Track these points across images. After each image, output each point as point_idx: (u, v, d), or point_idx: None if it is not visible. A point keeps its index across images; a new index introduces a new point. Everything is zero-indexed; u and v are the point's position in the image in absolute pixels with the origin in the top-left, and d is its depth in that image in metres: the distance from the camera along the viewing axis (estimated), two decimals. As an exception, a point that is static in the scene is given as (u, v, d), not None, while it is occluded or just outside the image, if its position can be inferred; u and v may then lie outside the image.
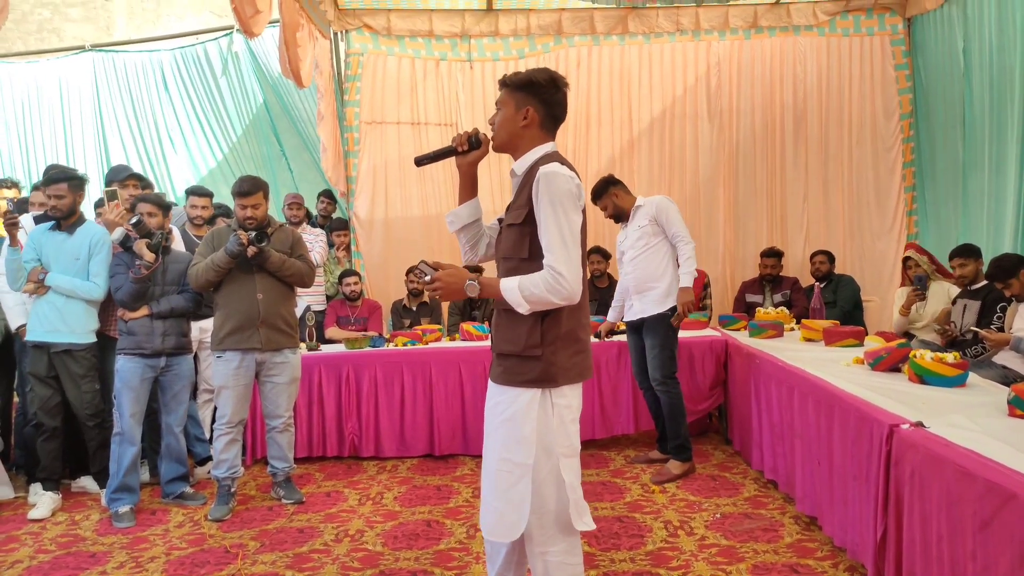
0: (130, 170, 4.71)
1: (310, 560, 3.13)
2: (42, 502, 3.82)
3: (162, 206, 3.98)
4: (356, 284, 5.45)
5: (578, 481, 2.03)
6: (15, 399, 4.51)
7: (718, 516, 3.45)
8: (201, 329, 4.39)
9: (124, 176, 4.50)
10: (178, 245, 4.24)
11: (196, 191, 4.83)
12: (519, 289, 1.92)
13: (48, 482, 3.91)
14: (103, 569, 3.10)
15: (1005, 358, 3.75)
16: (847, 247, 6.35)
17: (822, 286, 5.72)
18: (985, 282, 4.24)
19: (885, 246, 6.26)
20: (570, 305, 1.96)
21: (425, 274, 2.00)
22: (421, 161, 2.21)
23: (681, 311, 4.04)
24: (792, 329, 4.75)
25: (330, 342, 5.22)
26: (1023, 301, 3.87)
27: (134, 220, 3.76)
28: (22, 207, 4.54)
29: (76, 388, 3.87)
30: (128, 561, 3.18)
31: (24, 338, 3.95)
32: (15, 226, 3.79)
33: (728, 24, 6.31)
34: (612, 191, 4.21)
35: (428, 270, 2.00)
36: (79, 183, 3.94)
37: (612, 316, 4.53)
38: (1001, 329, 3.99)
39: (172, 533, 3.51)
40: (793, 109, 6.39)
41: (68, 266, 3.84)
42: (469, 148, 2.14)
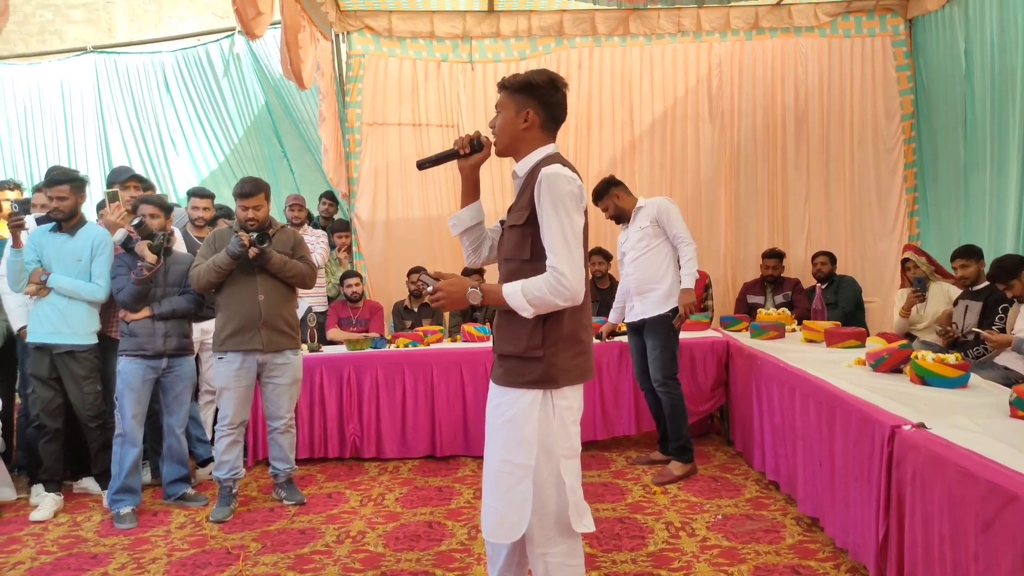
0: (131, 171, 4.73)
1: (311, 561, 3.13)
2: (44, 503, 3.82)
3: (164, 207, 3.98)
4: (357, 285, 5.46)
5: (578, 483, 2.03)
6: (16, 400, 4.51)
7: (719, 517, 3.45)
8: (203, 330, 4.40)
9: (125, 178, 4.51)
10: (179, 246, 4.24)
11: (197, 192, 4.83)
12: (522, 293, 1.91)
13: (50, 483, 3.91)
14: (105, 570, 3.11)
15: (1007, 359, 3.75)
16: (848, 248, 6.35)
17: (823, 287, 5.72)
18: (987, 283, 4.24)
19: (887, 247, 6.26)
20: (572, 306, 1.96)
21: (427, 285, 2.00)
22: (423, 165, 2.21)
23: (683, 312, 4.03)
24: (793, 330, 4.74)
25: (331, 343, 5.22)
26: (1025, 302, 3.88)
27: (136, 222, 3.76)
28: (24, 209, 4.54)
29: (78, 389, 3.87)
30: (130, 562, 3.18)
31: (25, 340, 3.96)
32: (21, 227, 3.77)
33: (729, 25, 6.31)
34: (613, 192, 4.21)
35: (430, 281, 2.00)
36: (80, 184, 3.95)
37: (613, 317, 4.53)
38: (1003, 330, 3.98)
39: (174, 534, 3.51)
40: (794, 110, 6.39)
41: (70, 267, 3.84)
42: (471, 151, 2.14)
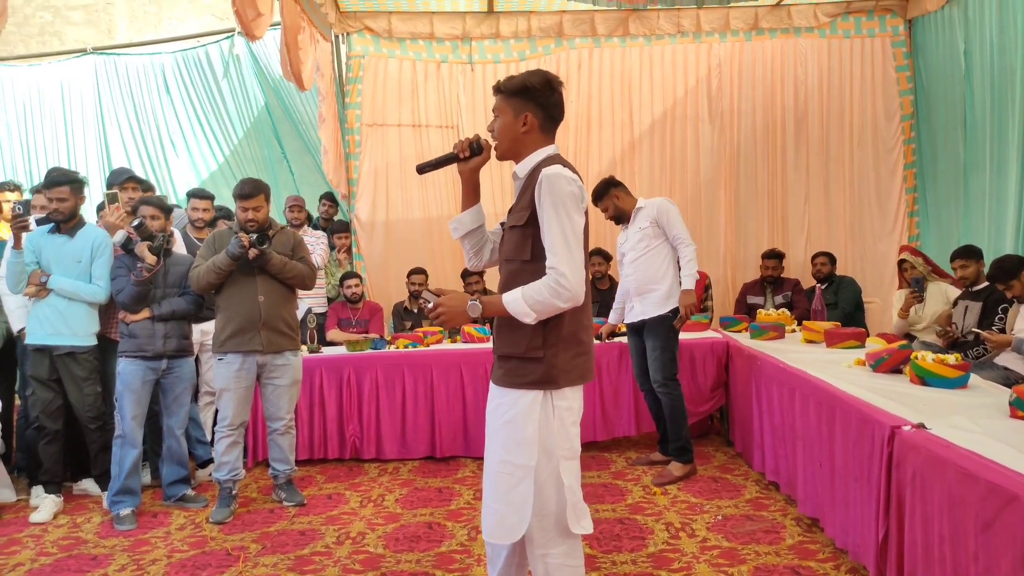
0: (129, 173, 4.72)
1: (311, 562, 3.13)
2: (44, 505, 3.82)
3: (164, 209, 3.98)
4: (357, 286, 5.46)
5: (578, 484, 2.03)
6: (16, 402, 4.50)
7: (719, 518, 3.45)
8: (202, 331, 4.40)
9: (123, 179, 4.50)
10: (179, 248, 4.25)
11: (197, 193, 4.83)
12: (523, 299, 1.90)
13: (50, 485, 3.91)
14: (104, 572, 3.10)
15: (1006, 359, 3.75)
16: (848, 248, 6.35)
17: (823, 288, 5.72)
18: (986, 283, 4.24)
19: (886, 247, 6.26)
20: (573, 307, 1.96)
21: (428, 302, 2.00)
22: (423, 169, 2.20)
23: (684, 314, 4.03)
24: (793, 331, 4.74)
25: (331, 344, 5.22)
26: (1024, 302, 3.88)
27: (136, 223, 3.76)
28: (27, 210, 4.54)
29: (78, 391, 3.87)
30: (130, 564, 3.18)
31: (24, 341, 3.96)
32: (25, 229, 3.75)
33: (729, 26, 6.31)
34: (613, 192, 4.21)
35: (431, 297, 2.00)
36: (80, 186, 3.95)
37: (613, 318, 4.53)
38: (1003, 330, 3.98)
39: (173, 535, 3.51)
40: (794, 111, 6.39)
41: (70, 269, 3.84)
42: (471, 155, 2.13)
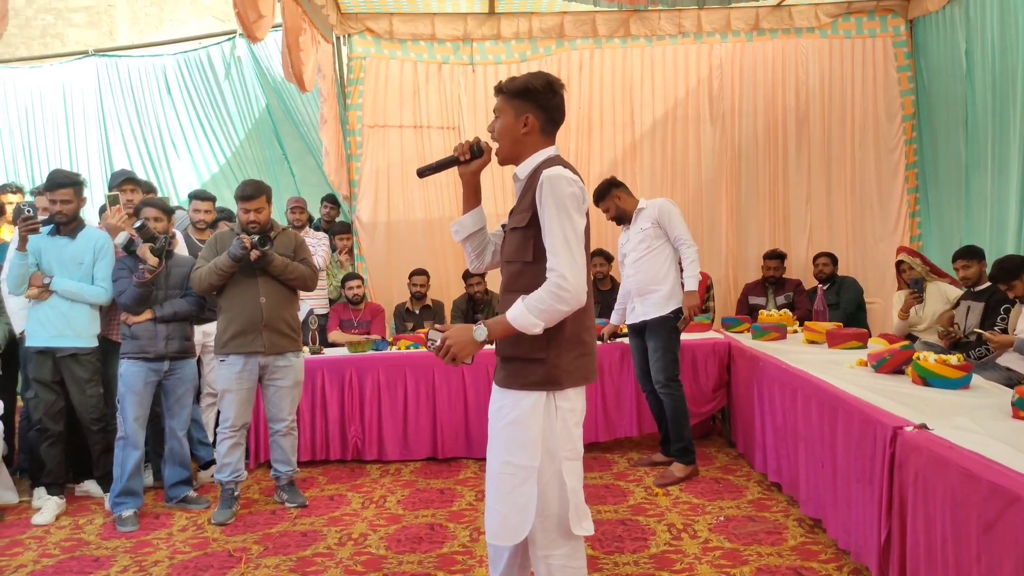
0: (126, 174, 4.69)
1: (313, 564, 3.13)
2: (46, 506, 3.82)
3: (166, 210, 3.99)
4: (359, 287, 5.46)
5: (580, 485, 2.03)
6: (19, 403, 4.51)
7: (722, 519, 3.45)
8: (204, 333, 4.41)
9: (120, 180, 4.49)
10: (181, 249, 4.25)
11: (199, 195, 4.84)
12: (527, 311, 1.89)
13: (52, 486, 3.92)
14: (107, 573, 3.11)
15: (1009, 360, 3.74)
16: (850, 249, 6.34)
17: (825, 288, 5.72)
18: (988, 284, 4.23)
19: (888, 248, 6.25)
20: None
21: (434, 341, 1.97)
22: (423, 172, 2.20)
23: (687, 315, 4.04)
24: (795, 331, 4.74)
25: (333, 345, 5.22)
26: (1027, 303, 3.87)
27: (138, 224, 3.76)
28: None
29: (81, 393, 3.87)
30: (132, 565, 3.19)
31: (24, 344, 3.95)
32: (35, 231, 3.73)
33: (730, 26, 6.31)
34: (615, 193, 4.21)
35: (437, 336, 1.97)
36: (82, 187, 3.95)
37: (615, 319, 4.53)
38: (1005, 331, 3.98)
39: (176, 537, 3.51)
40: (795, 111, 6.39)
41: (72, 271, 3.85)
42: (471, 157, 2.13)
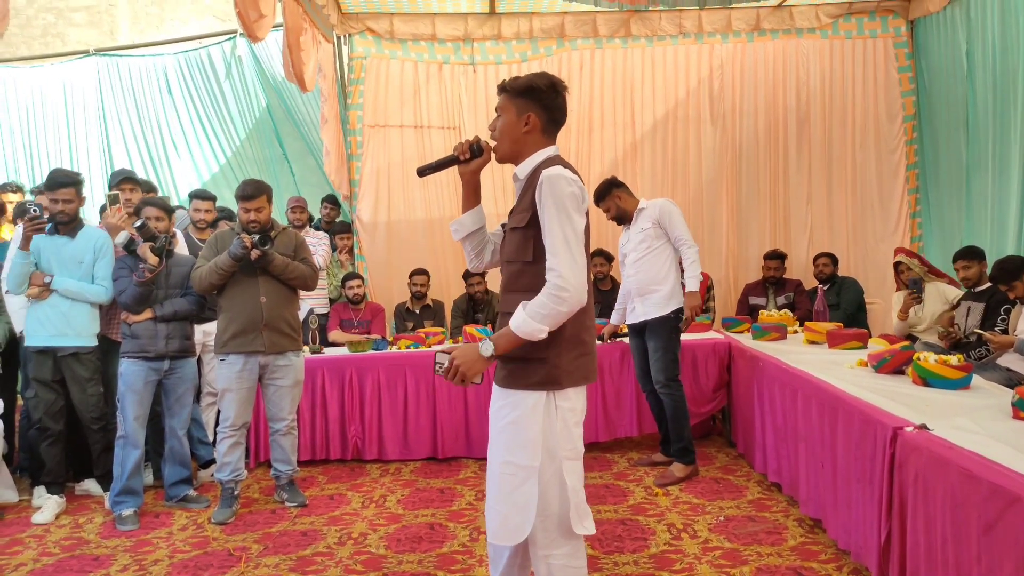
0: (124, 173, 4.67)
1: (313, 563, 3.13)
2: (46, 505, 3.82)
3: (167, 210, 3.99)
4: (359, 287, 5.46)
5: (580, 484, 2.03)
6: (19, 402, 4.51)
7: (722, 519, 3.44)
8: (204, 332, 4.41)
9: (119, 180, 4.48)
10: (181, 248, 4.25)
11: (199, 194, 4.84)
12: (530, 318, 1.89)
13: (52, 485, 3.92)
14: (107, 572, 3.11)
15: (1009, 360, 3.74)
16: (850, 249, 6.34)
17: (825, 288, 5.72)
18: (989, 284, 4.23)
19: (889, 248, 6.23)
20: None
21: (442, 366, 1.97)
22: (423, 172, 2.20)
23: (689, 316, 4.03)
24: (795, 331, 4.74)
25: (333, 345, 5.22)
26: (1027, 303, 3.87)
27: (138, 224, 3.76)
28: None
29: (81, 392, 3.88)
30: (132, 564, 3.19)
31: (24, 344, 3.95)
32: (41, 231, 3.73)
33: (731, 27, 6.31)
34: (615, 193, 4.21)
35: (444, 358, 1.97)
36: (82, 186, 3.95)
37: (615, 319, 4.53)
38: (1005, 331, 3.98)
39: (176, 536, 3.51)
40: (796, 112, 6.38)
41: (72, 270, 3.85)
42: (471, 156, 2.13)
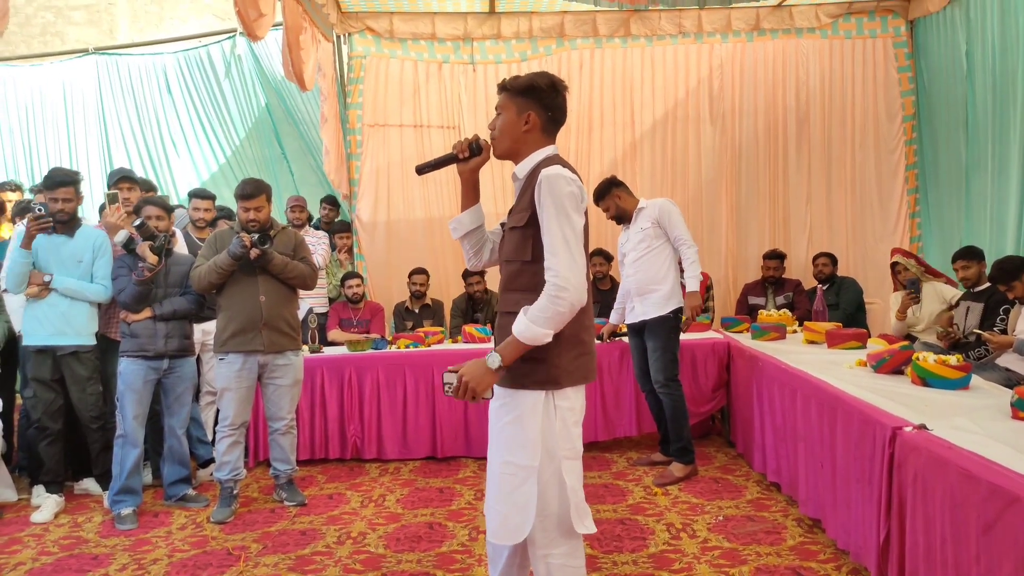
0: (121, 172, 4.65)
1: (312, 562, 3.13)
2: (45, 505, 3.82)
3: (167, 209, 3.98)
4: (358, 286, 5.46)
5: (580, 484, 2.03)
6: (18, 401, 4.51)
7: (720, 519, 3.45)
8: (204, 331, 4.40)
9: (117, 179, 4.46)
10: (181, 247, 4.25)
11: (199, 193, 4.83)
12: (532, 323, 1.89)
13: (51, 485, 3.92)
14: (105, 571, 3.11)
15: (1008, 360, 3.74)
16: (850, 249, 6.35)
17: (825, 288, 5.72)
18: (988, 284, 4.23)
19: (888, 248, 6.22)
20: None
21: (451, 384, 1.94)
22: (422, 169, 2.20)
23: (690, 316, 4.03)
24: (795, 331, 4.74)
25: (332, 344, 5.22)
26: (1026, 303, 3.87)
27: (137, 223, 3.76)
28: (27, 209, 4.53)
29: (81, 391, 3.88)
30: (131, 563, 3.18)
31: (22, 343, 3.94)
32: (45, 230, 3.72)
33: (730, 26, 6.31)
34: (615, 192, 4.21)
35: (452, 377, 1.94)
36: (80, 185, 3.95)
37: (614, 318, 4.53)
38: (1004, 331, 3.98)
39: (175, 535, 3.51)
40: (796, 111, 6.39)
41: (71, 269, 3.84)
42: (470, 155, 2.13)
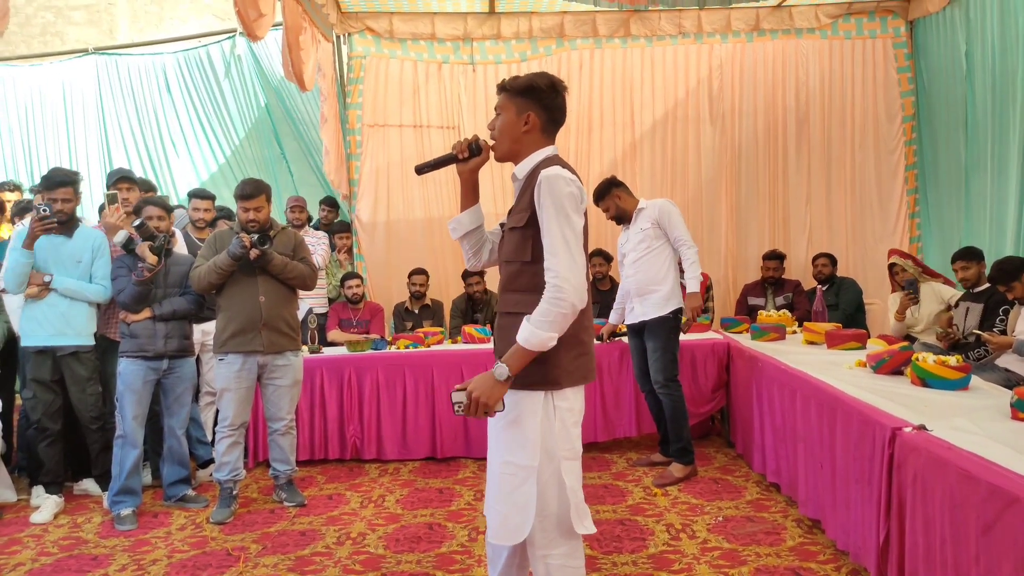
0: (120, 173, 4.65)
1: (312, 563, 3.13)
2: (45, 505, 3.82)
3: (167, 209, 3.98)
4: (358, 287, 5.46)
5: (579, 484, 2.02)
6: (18, 401, 4.50)
7: (720, 519, 3.45)
8: (203, 331, 4.40)
9: (115, 179, 4.46)
10: (180, 248, 4.24)
11: (198, 194, 4.83)
12: (536, 329, 1.87)
13: (51, 485, 3.91)
14: (105, 572, 3.10)
15: (1008, 361, 3.74)
16: (849, 250, 6.35)
17: (824, 289, 5.72)
18: (987, 285, 4.23)
19: (887, 249, 6.25)
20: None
21: (461, 402, 1.89)
22: (422, 169, 2.20)
23: (691, 317, 4.03)
24: (794, 332, 4.75)
25: (332, 345, 5.22)
26: (1026, 304, 3.87)
27: (137, 223, 3.75)
28: (26, 209, 4.53)
29: (80, 391, 3.88)
30: (130, 564, 3.18)
31: (21, 344, 3.94)
32: (50, 231, 3.70)
33: (730, 27, 6.31)
34: (615, 192, 4.21)
35: (460, 396, 1.90)
36: (79, 185, 3.94)
37: (613, 318, 4.53)
38: (1004, 332, 3.98)
39: (174, 536, 3.51)
40: (795, 112, 6.39)
41: (70, 269, 3.84)
42: (469, 155, 2.13)
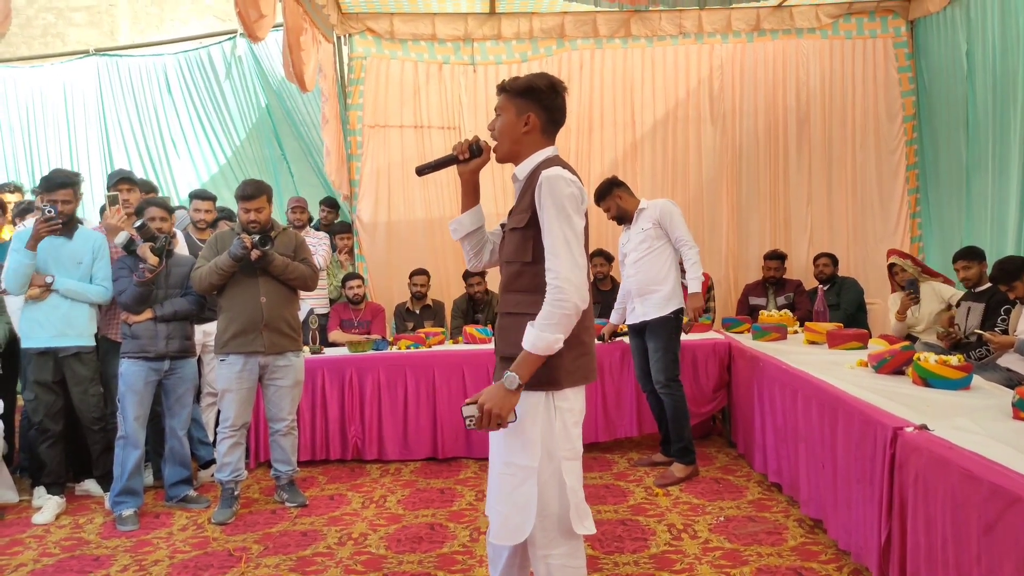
0: (120, 174, 4.66)
1: (313, 563, 3.13)
2: (47, 506, 3.82)
3: (168, 210, 3.98)
4: (359, 287, 5.46)
5: (580, 484, 2.02)
6: (19, 402, 4.50)
7: (722, 519, 3.44)
8: (205, 332, 4.41)
9: (116, 180, 4.47)
10: (181, 248, 4.25)
11: (199, 195, 4.84)
12: (541, 332, 1.86)
13: (52, 486, 3.91)
14: (107, 572, 3.11)
15: (1009, 360, 3.74)
16: (851, 250, 6.34)
17: (825, 289, 5.72)
18: (989, 285, 4.23)
19: (888, 248, 6.26)
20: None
21: (473, 416, 1.89)
22: (422, 170, 2.20)
23: (693, 317, 4.03)
24: (795, 332, 4.74)
25: (333, 345, 5.22)
26: (1027, 304, 3.87)
27: (138, 224, 3.76)
28: (27, 210, 4.53)
29: (82, 392, 3.88)
30: (132, 564, 3.19)
31: (21, 345, 3.94)
32: (55, 232, 3.71)
33: (731, 27, 6.31)
34: (616, 192, 4.21)
35: (472, 410, 1.90)
36: (80, 186, 3.95)
37: (615, 318, 4.53)
38: (1005, 332, 3.98)
39: (176, 536, 3.51)
40: (796, 112, 6.39)
41: (71, 270, 3.84)
42: (470, 156, 2.13)
